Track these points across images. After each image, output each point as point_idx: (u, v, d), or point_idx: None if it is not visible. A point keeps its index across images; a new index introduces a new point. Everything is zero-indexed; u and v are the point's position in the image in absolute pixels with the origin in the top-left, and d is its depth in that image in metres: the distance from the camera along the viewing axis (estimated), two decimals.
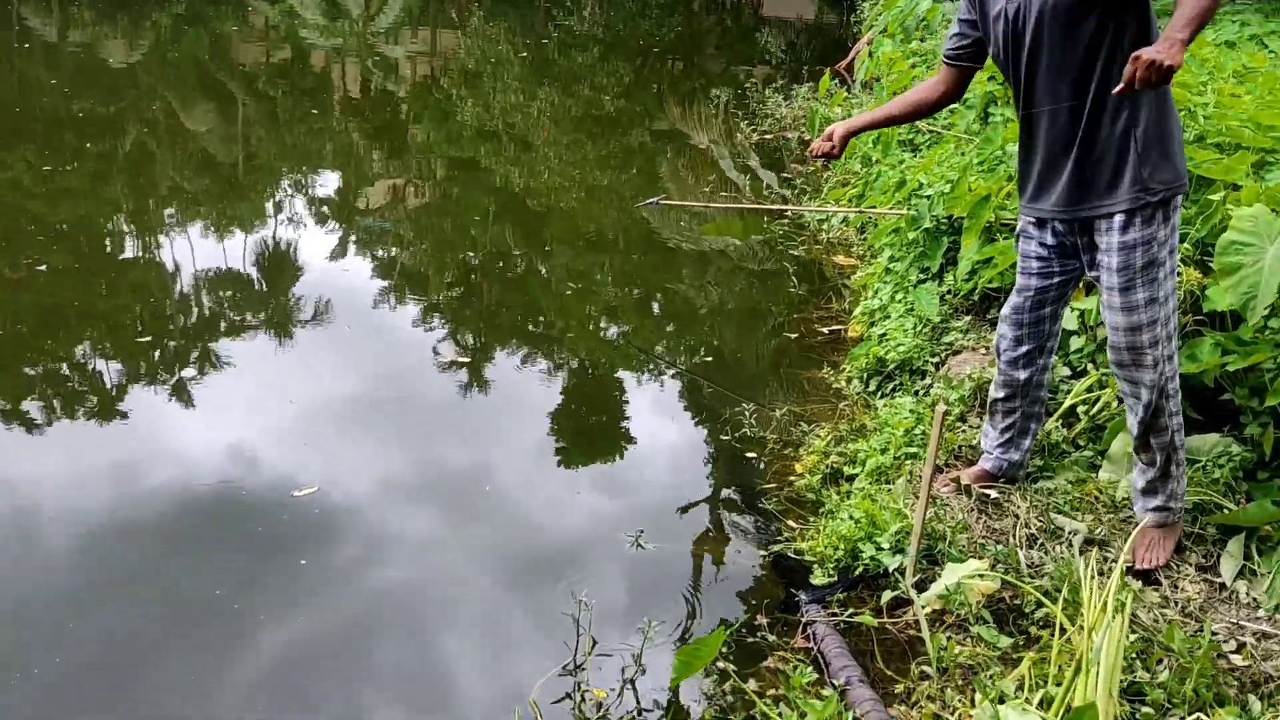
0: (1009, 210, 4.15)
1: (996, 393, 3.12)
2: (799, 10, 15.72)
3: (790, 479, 3.59)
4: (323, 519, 3.34)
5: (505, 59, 12.02)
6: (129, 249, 5.83)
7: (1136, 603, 2.64)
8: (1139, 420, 2.75)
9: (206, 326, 4.90)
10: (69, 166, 6.99)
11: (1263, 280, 2.69)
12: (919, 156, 5.72)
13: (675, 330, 5.16)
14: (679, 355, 4.89)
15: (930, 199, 4.61)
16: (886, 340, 4.26)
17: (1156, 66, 2.24)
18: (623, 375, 4.63)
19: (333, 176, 7.69)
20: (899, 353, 4.12)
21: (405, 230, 6.56)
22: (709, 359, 4.81)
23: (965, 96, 3.74)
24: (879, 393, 4.08)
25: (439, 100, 10.23)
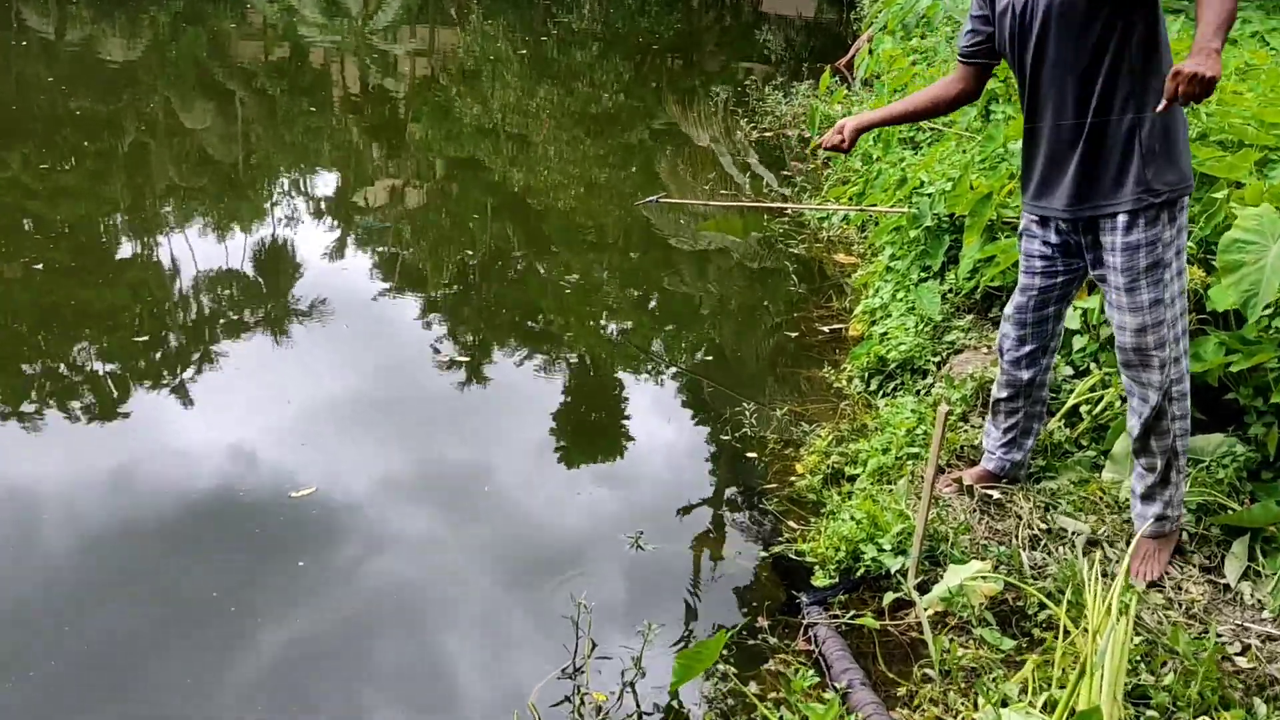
0: (1011, 208, 4.13)
1: (999, 393, 3.10)
2: (799, 7, 15.66)
3: (791, 479, 3.57)
4: (321, 519, 3.32)
5: (504, 56, 12.00)
6: (127, 248, 5.81)
7: (1140, 605, 2.63)
8: (1141, 421, 2.73)
9: (205, 326, 4.88)
10: (67, 165, 6.97)
11: (1264, 279, 2.67)
12: (920, 154, 5.70)
13: (675, 329, 5.14)
14: (679, 354, 4.88)
15: (932, 197, 4.60)
16: (888, 339, 4.24)
17: (1199, 80, 2.21)
18: (622, 374, 4.61)
19: (332, 175, 7.67)
20: (900, 352, 4.10)
21: (404, 229, 6.54)
22: (709, 358, 4.79)
23: None
24: (880, 392, 4.06)
25: (438, 98, 10.21)
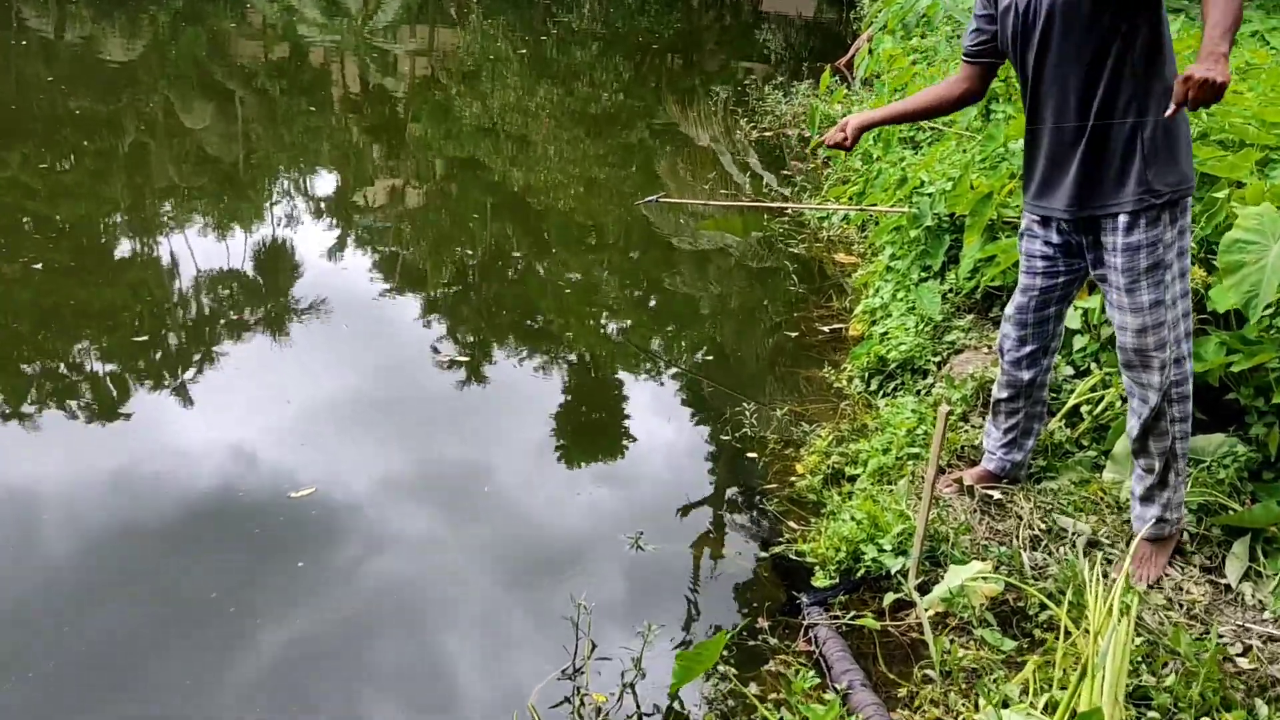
0: (1012, 208, 4.13)
1: (1000, 393, 3.10)
2: (798, 7, 15.66)
3: (791, 479, 3.57)
4: (321, 519, 3.32)
5: (504, 56, 11.99)
6: (127, 247, 5.80)
7: (1141, 605, 2.62)
8: (1140, 422, 2.72)
9: (205, 325, 4.87)
10: (67, 164, 6.96)
11: (1265, 279, 2.67)
12: (920, 154, 5.69)
13: (675, 328, 5.14)
14: (679, 354, 4.87)
15: (932, 196, 4.59)
16: (888, 339, 4.24)
17: (1210, 85, 2.20)
18: (622, 374, 4.61)
19: (331, 175, 7.66)
20: (900, 352, 4.09)
21: (404, 228, 6.53)
22: (709, 357, 4.79)
23: None
24: (880, 392, 4.06)
25: (438, 98, 10.20)
